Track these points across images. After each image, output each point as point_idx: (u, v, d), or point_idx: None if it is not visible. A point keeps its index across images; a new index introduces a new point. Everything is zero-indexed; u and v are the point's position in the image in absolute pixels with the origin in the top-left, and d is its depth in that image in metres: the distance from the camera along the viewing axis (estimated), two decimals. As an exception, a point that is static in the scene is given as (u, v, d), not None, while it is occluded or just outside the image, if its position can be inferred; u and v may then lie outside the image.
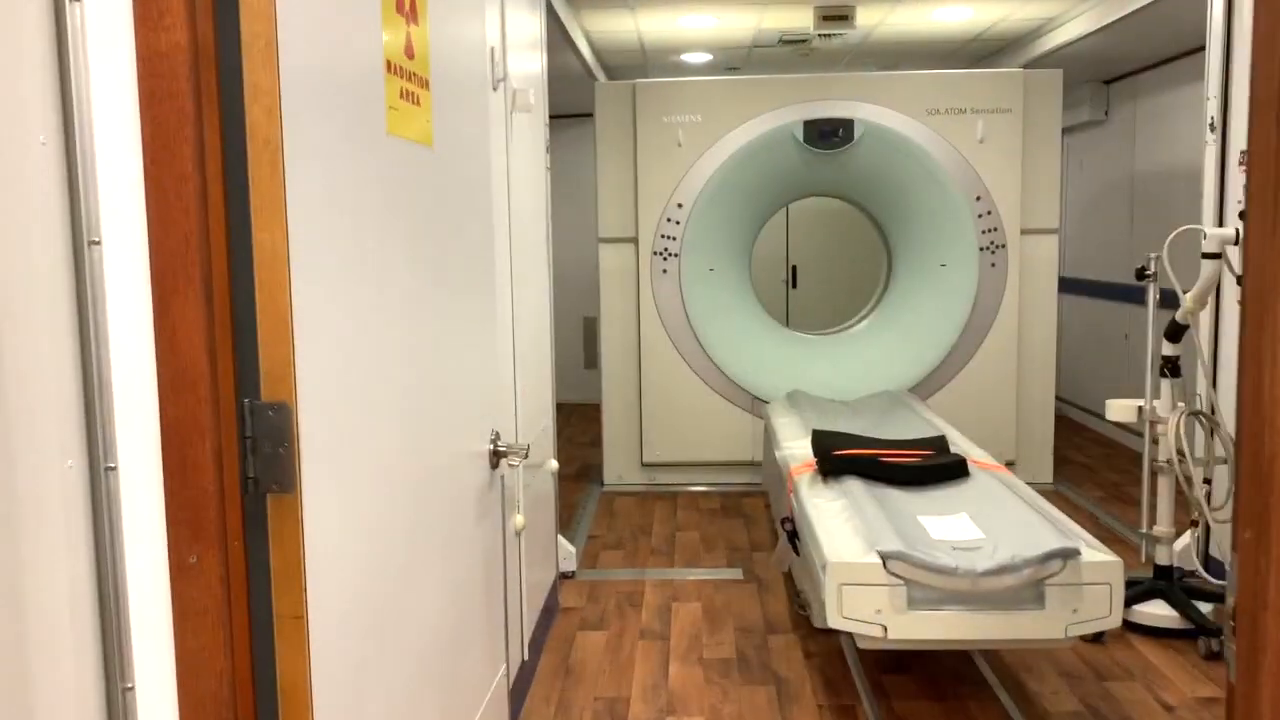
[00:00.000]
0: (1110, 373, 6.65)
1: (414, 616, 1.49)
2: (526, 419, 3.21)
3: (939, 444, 3.56)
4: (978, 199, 5.27)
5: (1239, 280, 3.19)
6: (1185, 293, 3.37)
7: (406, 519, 1.45)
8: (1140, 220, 6.25)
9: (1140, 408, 3.62)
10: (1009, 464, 5.39)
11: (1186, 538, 3.79)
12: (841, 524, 2.85)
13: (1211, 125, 3.89)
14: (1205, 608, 3.48)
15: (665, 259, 5.33)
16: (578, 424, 7.30)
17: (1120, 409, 3.66)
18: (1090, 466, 5.95)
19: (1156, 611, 3.46)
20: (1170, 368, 3.48)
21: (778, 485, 3.95)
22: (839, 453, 3.42)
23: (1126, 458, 6.14)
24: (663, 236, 5.32)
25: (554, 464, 3.80)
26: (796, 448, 3.76)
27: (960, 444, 3.78)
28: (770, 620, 3.68)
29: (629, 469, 5.56)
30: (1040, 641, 2.60)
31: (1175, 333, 3.46)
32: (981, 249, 5.31)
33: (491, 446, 1.89)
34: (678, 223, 5.30)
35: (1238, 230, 3.17)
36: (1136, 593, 3.50)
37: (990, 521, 2.85)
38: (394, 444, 1.39)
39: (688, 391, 5.41)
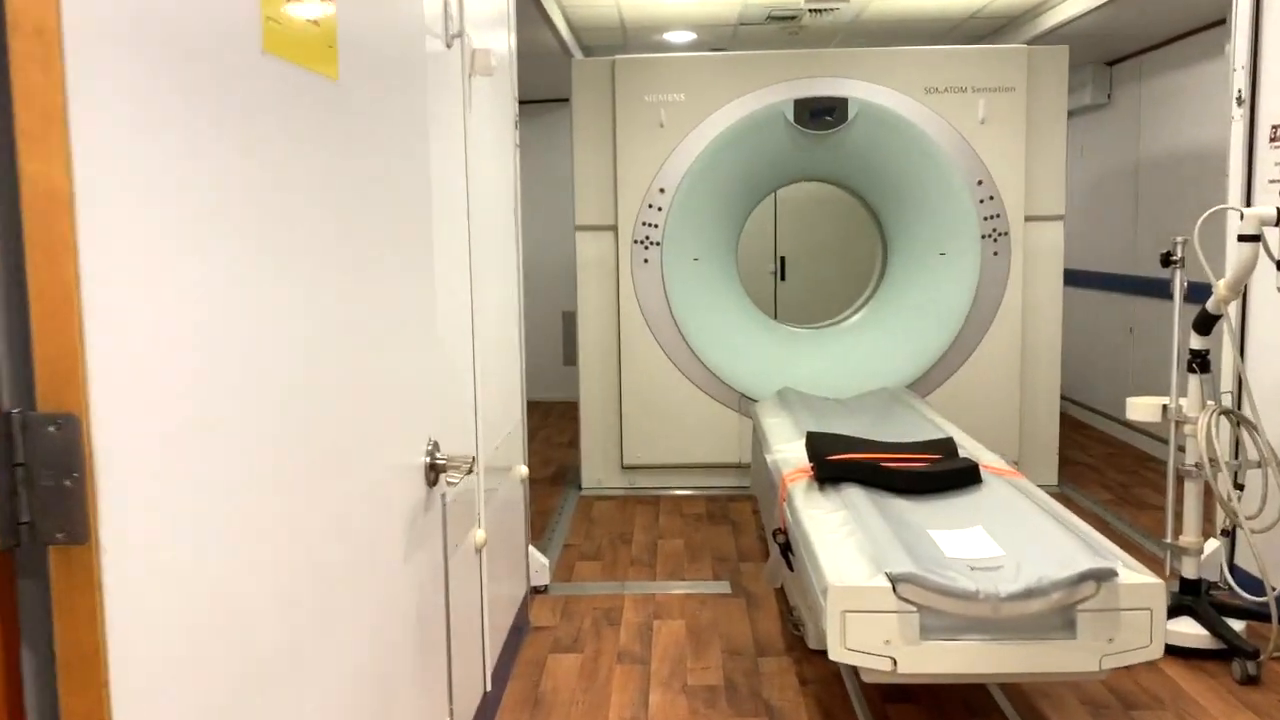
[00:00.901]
0: (1113, 368, 6.35)
1: (307, 691, 1.15)
2: (490, 422, 2.87)
3: (946, 447, 3.24)
4: (979, 183, 4.96)
5: (1278, 265, 2.88)
6: (1218, 280, 3.06)
7: (292, 564, 1.11)
8: (1146, 208, 5.96)
9: (1165, 406, 3.30)
10: (1014, 464, 5.09)
11: (1208, 546, 3.48)
12: (843, 539, 2.53)
13: (1239, 98, 3.58)
14: (1238, 625, 3.17)
15: (646, 248, 4.99)
16: (556, 424, 6.96)
17: (1142, 408, 3.34)
18: (1095, 467, 5.66)
19: (1185, 630, 3.14)
20: (1199, 362, 3.17)
21: (768, 492, 3.63)
22: (836, 457, 3.09)
23: (1132, 457, 5.84)
24: (644, 224, 4.98)
25: (523, 469, 3.47)
26: (789, 451, 3.44)
27: (968, 446, 3.46)
28: (761, 641, 3.35)
29: (608, 472, 5.22)
30: (1071, 675, 2.28)
31: (1205, 323, 3.15)
32: (983, 236, 4.99)
33: (428, 460, 1.55)
34: (660, 209, 4.96)
35: (1278, 210, 2.86)
36: (1162, 609, 3.18)
37: (1010, 536, 2.53)
38: (268, 465, 1.05)
39: (671, 389, 5.08)
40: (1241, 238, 2.92)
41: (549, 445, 6.32)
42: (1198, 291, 3.33)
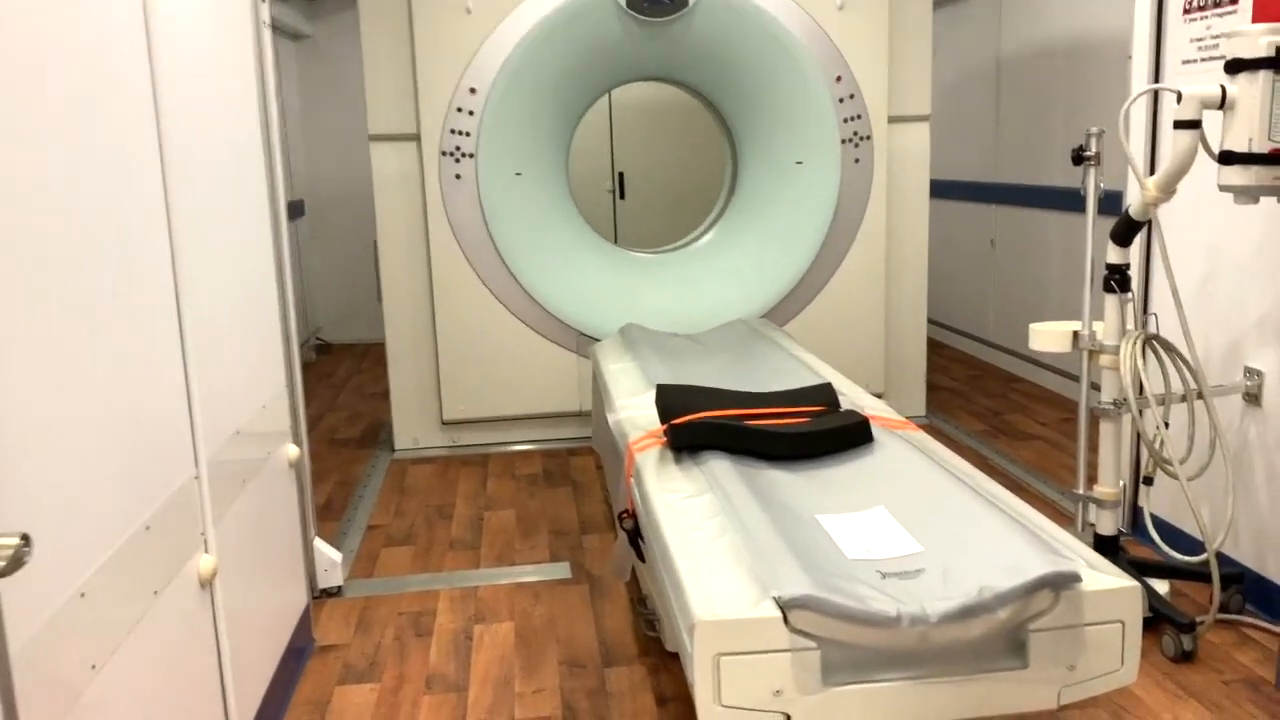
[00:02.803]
0: (974, 284, 5.95)
1: None
2: (219, 407, 2.07)
3: (825, 395, 2.62)
4: (838, 79, 4.33)
5: (1221, 157, 2.34)
6: (1146, 177, 2.51)
7: None
8: (1008, 110, 5.49)
9: (1076, 333, 2.78)
10: (877, 396, 4.59)
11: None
12: (710, 541, 1.86)
13: (1146, -36, 3.03)
14: (1160, 587, 2.71)
15: (458, 160, 4.17)
16: (371, 369, 6.10)
17: (1049, 336, 2.81)
18: (960, 392, 5.24)
19: (1105, 598, 2.66)
20: (1118, 279, 2.63)
21: (613, 459, 2.95)
22: (693, 418, 2.42)
23: (996, 378, 5.47)
24: (452, 132, 4.14)
25: (293, 450, 2.67)
26: (635, 409, 2.75)
27: (846, 391, 2.86)
28: (608, 644, 2.70)
29: (426, 430, 4.44)
30: (1019, 714, 1.70)
31: (1127, 232, 2.60)
32: (843, 141, 4.39)
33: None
34: (471, 113, 4.13)
35: (1223, 89, 2.31)
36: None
37: (923, 521, 1.93)
38: None
39: (495, 329, 4.31)
40: (1179, 124, 2.36)
41: (360, 396, 5.47)
42: (1111, 205, 2.79)
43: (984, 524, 1.84)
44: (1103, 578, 1.66)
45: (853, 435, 2.37)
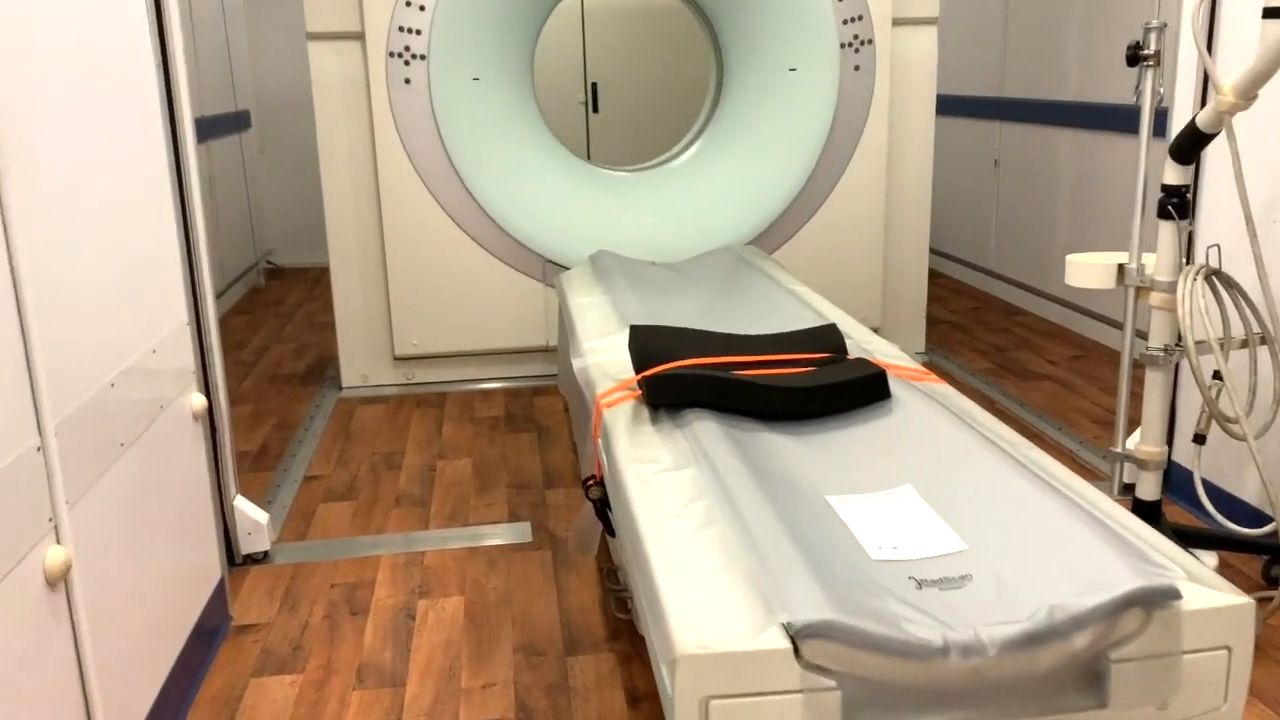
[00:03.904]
0: (975, 207, 5.53)
1: None
2: (83, 353, 1.64)
3: (830, 339, 2.21)
4: (839, -25, 3.85)
5: (1319, 55, 1.91)
6: (1223, 80, 2.08)
7: None
8: (1017, 14, 5.01)
9: (1122, 266, 2.38)
10: (874, 331, 4.20)
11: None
12: (695, 534, 1.47)
13: None
14: (1209, 560, 2.36)
15: (407, 63, 3.67)
16: (322, 296, 5.65)
17: (1090, 271, 2.41)
18: (961, 326, 4.86)
19: (1147, 574, 2.31)
20: (1177, 204, 2.22)
21: (579, 409, 2.55)
22: (673, 366, 2.02)
23: (999, 311, 5.09)
24: (401, 30, 3.64)
25: (199, 399, 2.25)
26: (605, 353, 2.34)
27: (852, 333, 2.46)
28: (572, 626, 2.33)
29: (376, 365, 4.02)
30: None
31: (1190, 147, 2.19)
32: (842, 45, 3.92)
33: None
34: (422, 8, 3.63)
35: (1329, -33, 1.87)
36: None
37: (961, 506, 1.54)
38: None
39: (451, 256, 3.87)
40: (1269, 12, 1.93)
41: (309, 326, 5.03)
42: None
43: (1044, 514, 1.45)
44: (1206, 593, 1.29)
45: (868, 390, 1.97)
